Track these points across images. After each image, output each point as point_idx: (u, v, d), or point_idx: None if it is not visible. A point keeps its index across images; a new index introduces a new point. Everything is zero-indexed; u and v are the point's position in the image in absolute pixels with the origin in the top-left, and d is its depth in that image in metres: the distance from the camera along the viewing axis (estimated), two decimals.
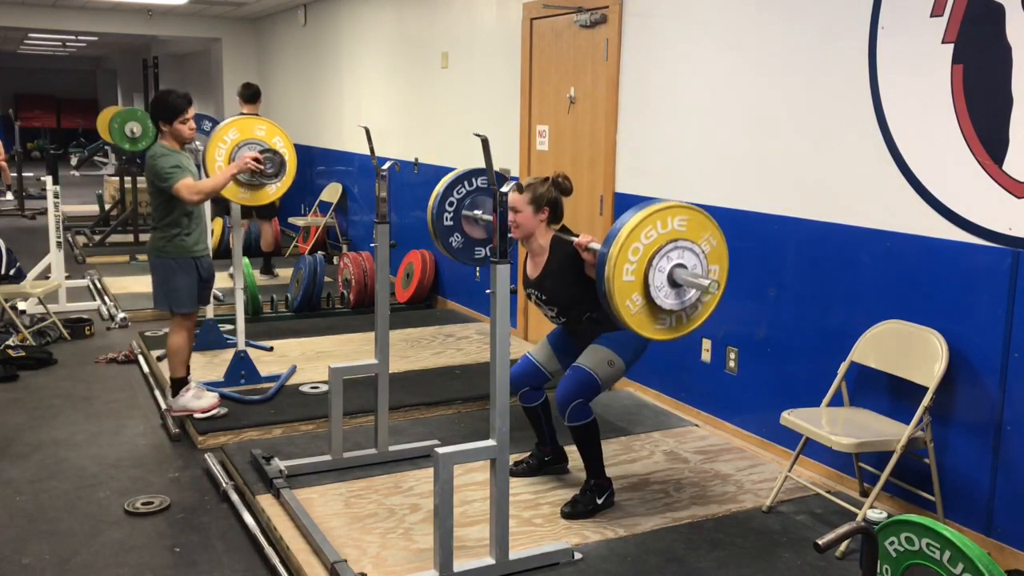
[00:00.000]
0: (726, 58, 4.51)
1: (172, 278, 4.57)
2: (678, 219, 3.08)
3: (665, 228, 3.06)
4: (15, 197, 13.69)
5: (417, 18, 7.78)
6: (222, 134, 4.85)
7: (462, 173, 3.97)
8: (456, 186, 3.96)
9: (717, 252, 3.18)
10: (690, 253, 3.09)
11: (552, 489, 3.90)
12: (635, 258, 3.02)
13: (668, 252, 3.06)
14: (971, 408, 3.48)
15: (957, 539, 1.96)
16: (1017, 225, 3.26)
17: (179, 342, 4.65)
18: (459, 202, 3.97)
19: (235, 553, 3.47)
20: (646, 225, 3.03)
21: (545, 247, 3.69)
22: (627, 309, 3.05)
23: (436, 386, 5.27)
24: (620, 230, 3.01)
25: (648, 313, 3.10)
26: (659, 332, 3.16)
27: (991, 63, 3.29)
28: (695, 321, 3.22)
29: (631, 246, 3.01)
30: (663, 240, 3.05)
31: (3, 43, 18.64)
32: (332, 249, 9.74)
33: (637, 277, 3.04)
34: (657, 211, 3.05)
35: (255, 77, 12.64)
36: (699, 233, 3.13)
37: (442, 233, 3.97)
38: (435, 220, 3.94)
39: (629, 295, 3.04)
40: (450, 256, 4.04)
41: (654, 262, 3.03)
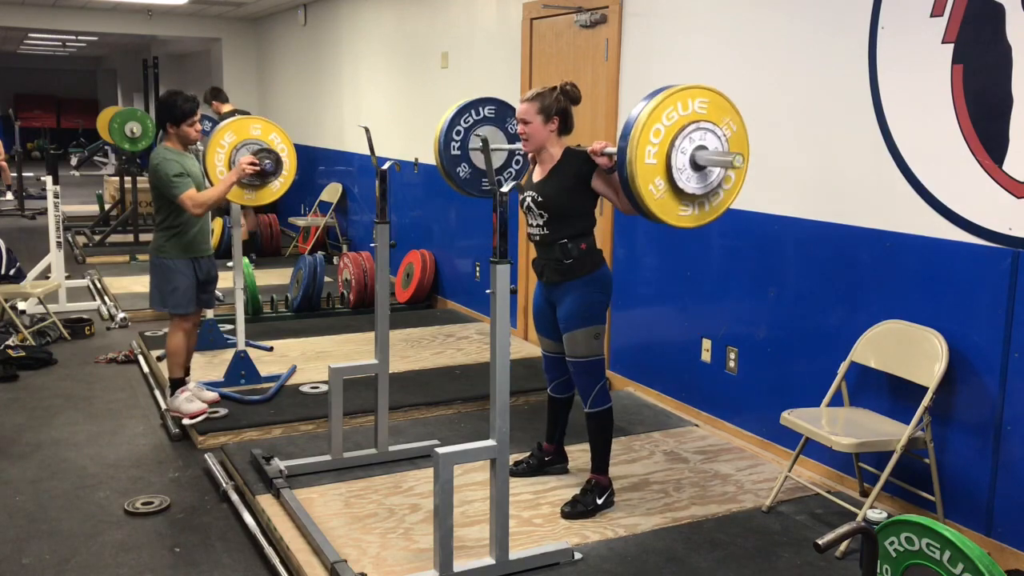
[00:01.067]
0: (726, 58, 4.51)
1: (169, 278, 4.58)
2: (699, 101, 3.04)
3: (686, 110, 3.01)
4: (15, 197, 13.69)
5: (417, 18, 7.78)
6: (219, 138, 4.85)
7: (469, 102, 3.89)
8: (463, 115, 3.87)
9: (737, 137, 3.13)
10: (712, 135, 3.05)
11: (552, 489, 3.90)
12: (657, 140, 2.97)
13: (690, 133, 3.01)
14: (971, 408, 3.48)
15: (957, 539, 1.96)
16: (1017, 225, 3.26)
17: (177, 343, 4.66)
18: (466, 131, 3.88)
19: (235, 553, 3.47)
20: (667, 106, 2.98)
21: (556, 156, 3.62)
22: (650, 194, 3.00)
23: (436, 386, 5.27)
24: (642, 111, 2.96)
25: (671, 197, 3.05)
26: (683, 219, 3.11)
27: (991, 63, 3.29)
28: (717, 209, 3.17)
29: (652, 127, 2.96)
30: (685, 121, 3.00)
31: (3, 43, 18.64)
32: (332, 249, 9.74)
33: (659, 160, 2.99)
34: (677, 92, 3.00)
35: (255, 77, 12.67)
36: (720, 116, 3.08)
37: (449, 163, 3.89)
38: (442, 150, 3.86)
39: (652, 179, 3.00)
40: (456, 187, 3.94)
41: (676, 143, 2.99)
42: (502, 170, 3.96)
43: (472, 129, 3.91)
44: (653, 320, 5.15)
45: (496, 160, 3.92)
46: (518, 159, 4.09)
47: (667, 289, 5.01)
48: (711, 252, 4.68)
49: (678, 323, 4.93)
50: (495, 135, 3.89)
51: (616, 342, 5.43)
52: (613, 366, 5.44)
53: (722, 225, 4.56)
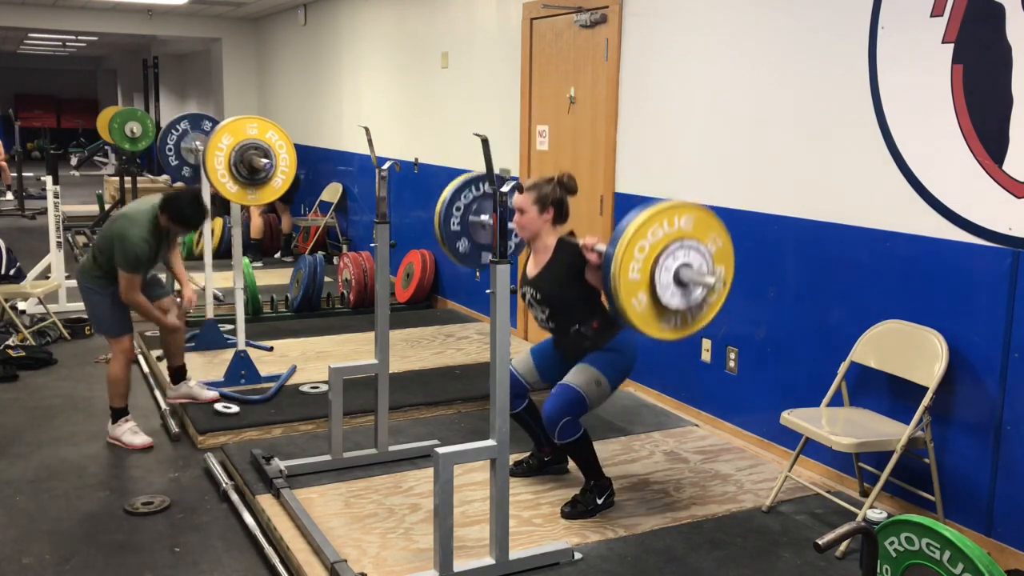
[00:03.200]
0: (726, 58, 4.51)
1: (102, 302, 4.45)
2: (685, 218, 3.07)
3: (672, 227, 3.05)
4: (15, 197, 13.69)
5: (417, 18, 7.78)
6: (217, 140, 4.86)
7: (469, 178, 3.95)
8: (463, 191, 3.94)
9: (723, 252, 3.17)
10: (696, 252, 3.08)
11: (552, 489, 3.90)
12: (641, 256, 3.01)
13: (674, 251, 3.05)
14: (971, 408, 3.48)
15: (957, 539, 1.96)
16: (1017, 225, 3.26)
17: (115, 371, 4.48)
18: (466, 207, 3.95)
19: (235, 553, 3.47)
20: (653, 223, 3.02)
21: (550, 247, 3.67)
22: (632, 308, 3.04)
23: (436, 386, 5.27)
24: (627, 228, 3.00)
25: (653, 312, 3.09)
26: (664, 331, 3.15)
27: (991, 63, 3.29)
28: (700, 321, 3.21)
29: (637, 244, 3.00)
30: (669, 239, 3.04)
31: (3, 43, 18.64)
32: (332, 249, 9.74)
33: (643, 275, 3.03)
34: (664, 210, 3.04)
35: (255, 77, 12.67)
36: (705, 233, 3.12)
37: (449, 238, 3.96)
38: (442, 225, 3.92)
39: (635, 293, 3.04)
40: (457, 261, 4.02)
41: (660, 260, 3.02)
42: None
43: (472, 205, 3.98)
44: None
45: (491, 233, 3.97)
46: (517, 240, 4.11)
47: None
48: None
49: None
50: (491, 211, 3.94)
51: None
52: None
53: None
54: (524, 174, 6.20)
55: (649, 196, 5.03)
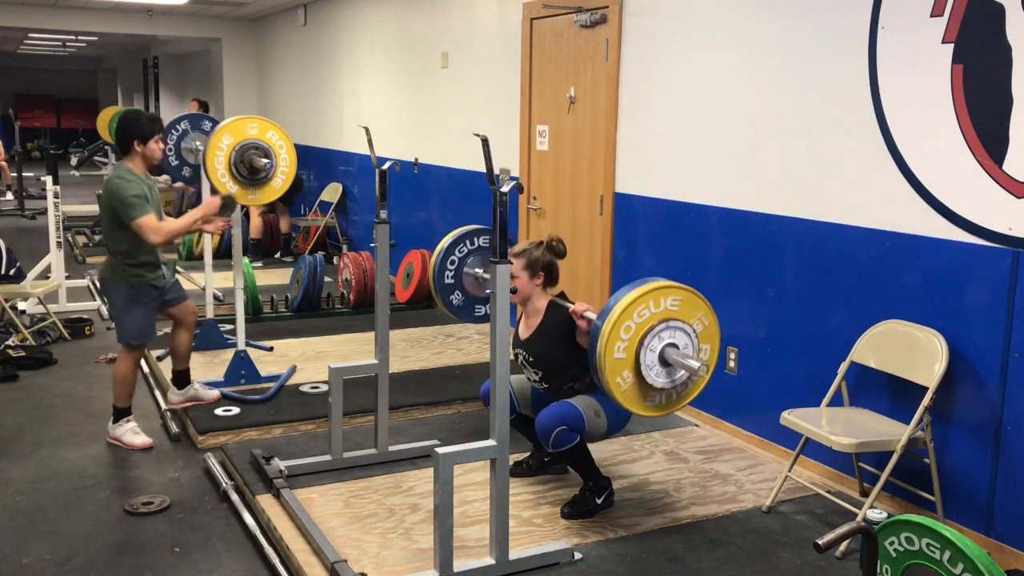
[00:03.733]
0: (726, 58, 4.51)
1: (131, 309, 4.37)
2: (671, 299, 3.12)
3: (658, 308, 3.10)
4: (15, 197, 13.69)
5: (417, 18, 7.78)
6: (217, 140, 4.86)
7: (464, 232, 4.03)
8: (458, 245, 4.03)
9: (709, 332, 3.22)
10: (682, 333, 3.13)
11: (552, 489, 3.90)
12: (627, 336, 3.06)
13: (660, 331, 3.10)
14: (971, 408, 3.48)
15: (957, 539, 1.96)
16: (1017, 225, 3.26)
17: (124, 370, 4.44)
18: (460, 260, 4.04)
19: (235, 553, 3.47)
20: (639, 304, 3.06)
21: (541, 310, 3.69)
22: (617, 386, 3.10)
23: (436, 386, 5.27)
24: (613, 308, 3.05)
25: (638, 390, 3.14)
26: (648, 409, 3.21)
27: (991, 63, 3.29)
28: (684, 399, 3.26)
29: (623, 324, 3.05)
30: (655, 320, 3.09)
31: (3, 43, 18.64)
32: (332, 249, 9.74)
33: (628, 355, 3.08)
34: (650, 291, 3.08)
35: (255, 77, 12.67)
36: (691, 313, 3.16)
37: (443, 291, 4.03)
38: (436, 278, 3.99)
39: (620, 372, 3.09)
40: (450, 314, 4.10)
41: (646, 341, 3.07)
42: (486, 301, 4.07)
43: (466, 259, 4.05)
44: None
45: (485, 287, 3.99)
46: None
47: None
48: (711, 252, 4.68)
49: None
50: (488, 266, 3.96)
51: None
52: None
53: (722, 225, 4.57)
54: (524, 174, 6.20)
55: (649, 196, 5.03)
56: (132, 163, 4.37)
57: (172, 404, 4.83)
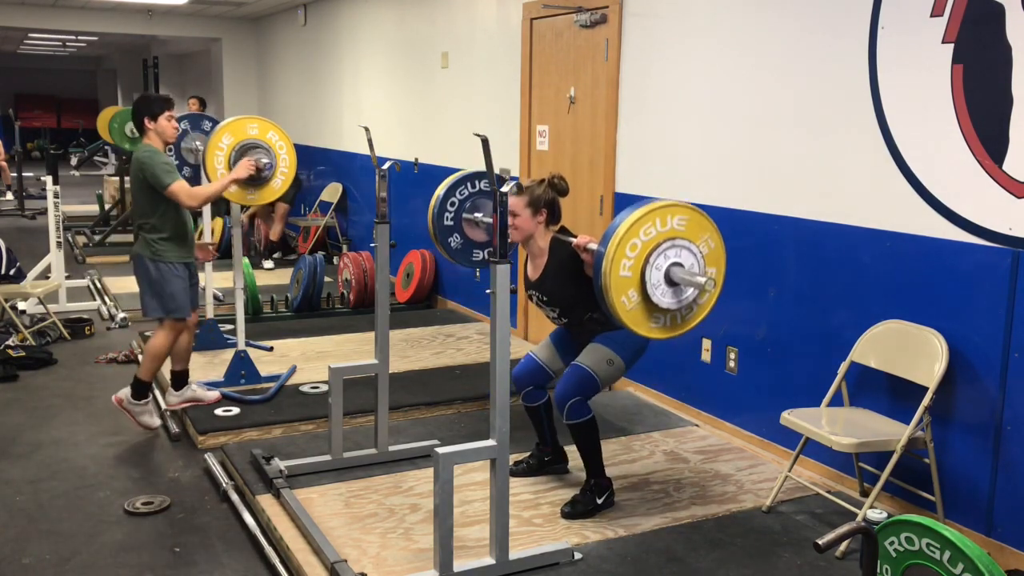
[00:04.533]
0: (726, 58, 4.51)
1: (167, 283, 4.48)
2: (677, 218, 3.08)
3: (664, 226, 3.05)
4: (15, 197, 13.69)
5: (417, 18, 7.78)
6: (217, 140, 4.86)
7: (465, 175, 3.97)
8: (459, 187, 3.97)
9: (715, 254, 3.18)
10: (688, 252, 3.09)
11: (552, 489, 3.90)
12: (633, 254, 3.01)
13: (666, 250, 3.05)
14: (971, 408, 3.48)
15: (957, 539, 1.96)
16: (1017, 225, 3.26)
17: (162, 344, 4.52)
18: (460, 203, 3.97)
19: (235, 553, 3.47)
20: (645, 222, 3.02)
21: (544, 249, 3.70)
22: (623, 305, 3.05)
23: (436, 386, 5.27)
24: (619, 225, 3.01)
25: (644, 310, 3.09)
26: (654, 330, 3.15)
27: (991, 63, 3.29)
28: (690, 322, 3.21)
29: (629, 242, 3.00)
30: (661, 238, 3.05)
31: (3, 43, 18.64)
32: (332, 249, 9.74)
33: (634, 273, 3.03)
34: (656, 209, 3.04)
35: (255, 77, 12.67)
36: (698, 234, 3.12)
37: (441, 233, 3.98)
38: (435, 220, 3.95)
39: (625, 291, 3.04)
40: (448, 257, 4.05)
41: (651, 259, 3.03)
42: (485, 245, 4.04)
43: (466, 202, 4.00)
44: None
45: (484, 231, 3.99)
46: None
47: None
48: None
49: None
50: (487, 208, 3.95)
51: None
52: None
53: (722, 225, 4.55)
54: (524, 174, 6.20)
55: (649, 196, 5.03)
56: (149, 140, 4.51)
57: (171, 406, 4.82)
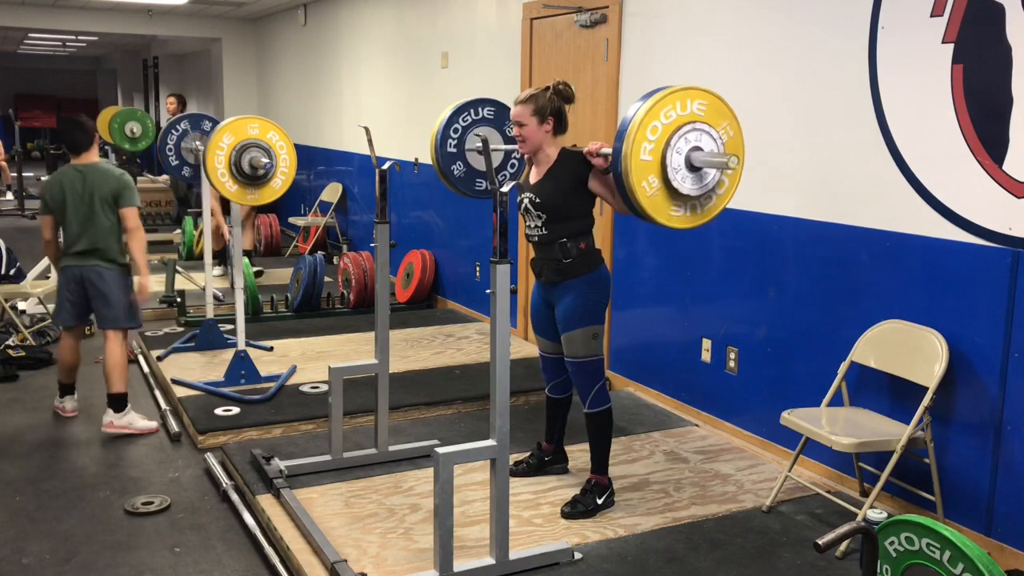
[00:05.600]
0: (726, 58, 4.51)
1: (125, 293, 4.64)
2: (698, 102, 3.02)
3: (684, 110, 2.99)
4: (15, 197, 13.69)
5: (417, 18, 7.78)
6: (217, 140, 4.86)
7: (469, 101, 3.91)
8: (462, 113, 3.90)
9: (734, 142, 3.11)
10: (708, 137, 3.03)
11: (552, 489, 3.90)
12: (653, 137, 2.95)
13: (686, 133, 2.99)
14: (971, 408, 3.48)
15: (957, 539, 1.96)
16: (1017, 225, 3.26)
17: (121, 356, 4.62)
18: (464, 129, 3.90)
19: (235, 553, 3.47)
20: (665, 104, 2.96)
21: (552, 156, 3.63)
22: (643, 190, 2.98)
23: (436, 386, 5.27)
24: (640, 109, 2.95)
25: (664, 196, 3.03)
26: (673, 219, 3.08)
27: (991, 63, 3.29)
28: (710, 212, 3.14)
29: (650, 124, 2.94)
30: (682, 121, 2.98)
31: (3, 43, 18.64)
32: (332, 249, 9.74)
33: (655, 157, 2.97)
34: (677, 91, 2.99)
35: (255, 77, 12.67)
36: (718, 120, 3.06)
37: (444, 160, 3.90)
38: (438, 147, 3.88)
39: (646, 176, 2.98)
40: (450, 185, 3.96)
41: (672, 142, 2.97)
42: (498, 172, 3.98)
43: (470, 129, 3.92)
44: (653, 320, 5.15)
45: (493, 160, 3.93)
46: (514, 162, 4.10)
47: (667, 289, 5.01)
48: (711, 252, 4.68)
49: (678, 323, 4.93)
50: (492, 136, 3.90)
51: (616, 342, 5.43)
52: (613, 366, 5.44)
53: (722, 225, 4.57)
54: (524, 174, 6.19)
55: None
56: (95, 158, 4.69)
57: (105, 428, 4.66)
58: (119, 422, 4.62)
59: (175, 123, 6.16)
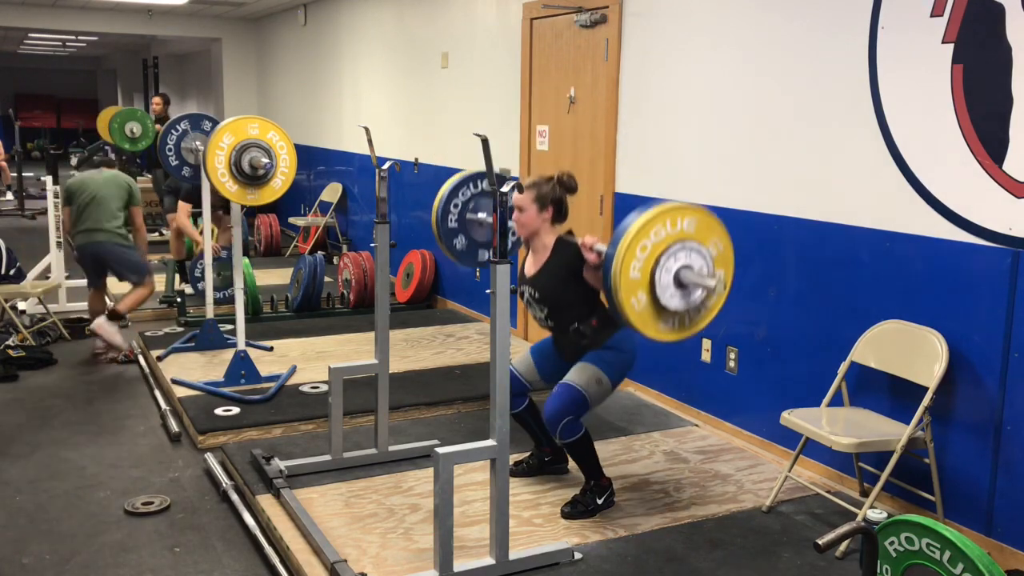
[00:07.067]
0: (726, 58, 4.51)
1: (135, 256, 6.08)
2: (687, 220, 3.07)
3: (674, 228, 3.04)
4: (15, 197, 13.68)
5: (417, 18, 7.78)
6: (217, 140, 4.86)
7: (467, 176, 3.95)
8: (461, 188, 3.95)
9: (724, 257, 3.17)
10: (697, 255, 3.08)
11: (552, 489, 3.90)
12: (643, 255, 3.00)
13: (676, 252, 3.04)
14: (971, 408, 3.48)
15: (957, 539, 1.96)
16: (1017, 225, 3.26)
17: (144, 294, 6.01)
18: (464, 204, 3.95)
19: (235, 553, 3.47)
20: (655, 223, 3.01)
21: (548, 246, 3.68)
22: (631, 307, 3.04)
23: (436, 386, 5.27)
24: (630, 227, 2.99)
25: (652, 312, 3.08)
26: (662, 332, 3.14)
27: (991, 63, 3.29)
28: (698, 324, 3.20)
29: (640, 243, 2.99)
30: (671, 240, 3.04)
31: (3, 43, 18.64)
32: (332, 249, 9.74)
33: (643, 275, 3.02)
34: (667, 211, 3.04)
35: (255, 77, 12.67)
36: (707, 236, 3.12)
37: (446, 235, 3.96)
38: (439, 222, 3.93)
39: (634, 292, 3.03)
40: (453, 259, 4.03)
41: (661, 261, 3.02)
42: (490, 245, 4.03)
43: (469, 203, 3.98)
44: None
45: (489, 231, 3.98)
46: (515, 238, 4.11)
47: None
48: None
49: None
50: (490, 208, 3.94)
51: None
52: None
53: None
54: (524, 174, 6.20)
55: (649, 196, 5.03)
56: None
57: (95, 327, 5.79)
58: (106, 327, 5.73)
59: (175, 123, 6.16)
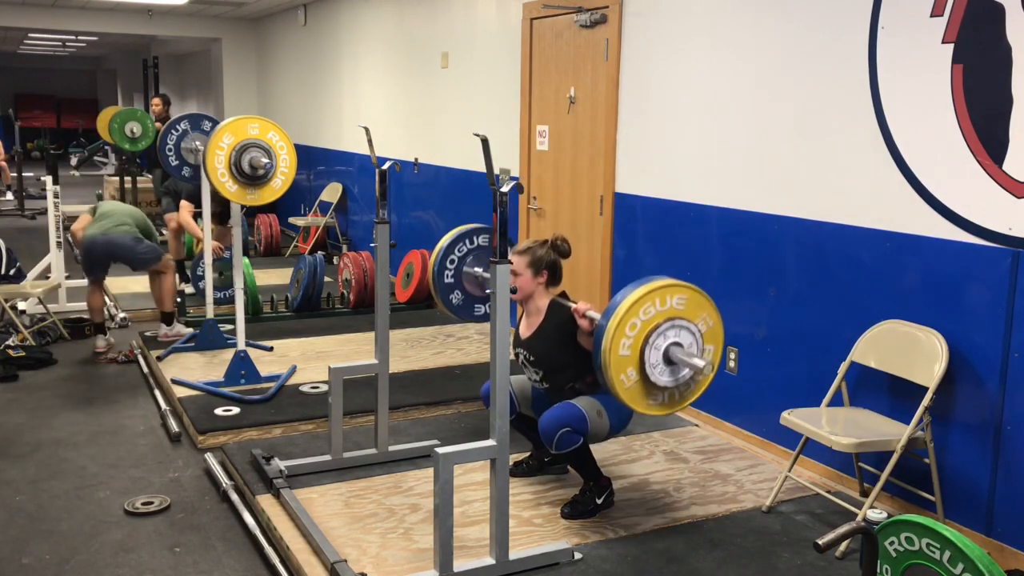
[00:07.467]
0: (726, 58, 4.51)
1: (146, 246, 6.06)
2: (677, 298, 3.11)
3: (664, 306, 3.09)
4: (15, 197, 13.68)
5: (417, 18, 7.78)
6: (217, 140, 4.86)
7: (463, 232, 4.02)
8: (458, 244, 4.02)
9: (713, 332, 3.21)
10: (687, 332, 3.12)
11: (552, 489, 3.90)
12: (632, 333, 3.05)
13: (665, 330, 3.09)
14: (971, 408, 3.48)
15: (957, 539, 1.96)
16: (1017, 225, 3.26)
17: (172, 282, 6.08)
18: (460, 260, 4.03)
19: (235, 553, 3.47)
20: (645, 302, 3.06)
21: (542, 309, 3.69)
22: (621, 383, 3.09)
23: (436, 386, 5.27)
24: (619, 304, 3.04)
25: (642, 388, 3.13)
26: (651, 407, 3.19)
27: (991, 63, 3.29)
28: (688, 398, 3.25)
29: (629, 321, 3.04)
30: (661, 318, 3.08)
31: (3, 43, 18.64)
32: (332, 249, 9.74)
33: (633, 352, 3.07)
34: (656, 288, 3.08)
35: (255, 77, 12.67)
36: (696, 313, 3.16)
37: (443, 290, 4.03)
38: (436, 278, 3.98)
39: (624, 369, 3.08)
40: (450, 313, 4.09)
41: (651, 339, 3.07)
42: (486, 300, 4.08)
43: (466, 258, 4.03)
44: None
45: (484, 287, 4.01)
46: None
47: None
48: (711, 252, 4.68)
49: None
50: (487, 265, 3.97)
51: None
52: None
53: (722, 225, 4.58)
54: (524, 174, 6.20)
55: (649, 196, 5.04)
56: None
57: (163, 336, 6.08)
58: (171, 332, 6.04)
59: (175, 123, 6.16)
